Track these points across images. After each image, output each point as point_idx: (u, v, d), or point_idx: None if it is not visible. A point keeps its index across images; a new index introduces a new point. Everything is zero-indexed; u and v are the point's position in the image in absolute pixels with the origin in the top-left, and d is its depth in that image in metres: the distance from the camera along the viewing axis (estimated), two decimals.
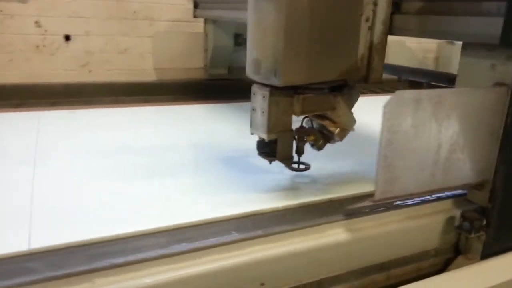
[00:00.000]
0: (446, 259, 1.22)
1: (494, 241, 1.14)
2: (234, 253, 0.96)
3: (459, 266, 1.16)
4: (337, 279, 1.07)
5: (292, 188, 1.32)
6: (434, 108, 0.98)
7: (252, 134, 1.28)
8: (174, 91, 2.94)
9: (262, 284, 0.98)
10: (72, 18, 2.70)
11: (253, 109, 1.26)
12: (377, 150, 0.95)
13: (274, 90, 1.18)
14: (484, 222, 1.13)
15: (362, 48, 1.25)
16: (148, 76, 2.99)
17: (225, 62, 3.00)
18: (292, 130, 1.27)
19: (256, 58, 1.20)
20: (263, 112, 1.21)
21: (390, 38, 1.31)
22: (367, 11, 1.22)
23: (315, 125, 1.36)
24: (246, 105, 1.49)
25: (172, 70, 3.00)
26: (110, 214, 1.11)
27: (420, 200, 1.18)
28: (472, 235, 1.14)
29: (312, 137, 1.33)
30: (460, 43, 1.19)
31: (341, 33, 1.21)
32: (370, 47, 1.25)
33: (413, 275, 1.18)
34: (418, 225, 1.15)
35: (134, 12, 2.90)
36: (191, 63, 3.02)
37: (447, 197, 1.21)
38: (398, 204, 1.15)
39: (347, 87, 1.29)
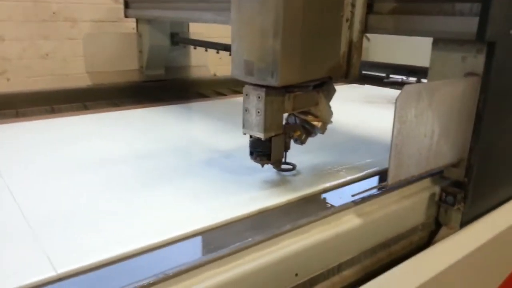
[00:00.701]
0: (430, 231, 1.37)
1: (470, 211, 1.32)
2: (269, 250, 0.99)
3: (444, 236, 1.32)
4: (353, 260, 1.16)
5: (283, 183, 1.37)
6: (430, 99, 1.11)
7: (244, 134, 1.31)
8: (110, 95, 2.80)
9: (296, 275, 1.02)
10: None
11: (246, 110, 1.27)
12: (390, 140, 1.04)
13: (270, 90, 1.21)
14: (462, 195, 1.30)
15: (343, 46, 1.35)
16: (74, 80, 2.81)
17: (161, 62, 2.94)
18: (283, 129, 1.31)
19: (247, 59, 1.22)
20: (258, 112, 1.24)
21: None
22: (347, 12, 1.32)
23: (297, 121, 1.42)
24: (187, 106, 1.49)
25: (106, 74, 2.85)
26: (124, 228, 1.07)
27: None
28: (455, 207, 1.30)
29: (298, 132, 1.40)
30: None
31: (327, 32, 1.29)
32: (350, 45, 1.36)
33: (407, 250, 1.31)
34: (410, 203, 1.28)
35: (54, 13, 2.70)
36: (125, 65, 2.90)
37: (426, 176, 1.36)
38: (391, 187, 1.27)
39: (326, 84, 1.38)
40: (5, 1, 2.55)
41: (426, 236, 1.37)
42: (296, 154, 1.43)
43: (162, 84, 2.93)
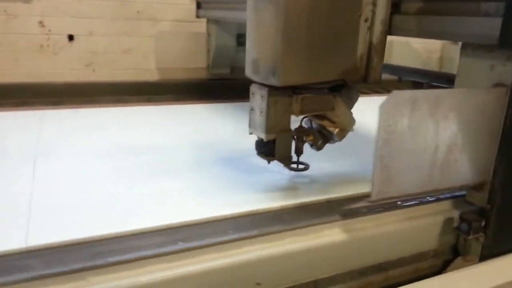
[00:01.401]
0: (444, 260, 1.22)
1: (493, 243, 1.14)
2: (230, 252, 0.96)
3: (458, 267, 1.16)
4: (334, 279, 1.07)
5: (290, 188, 1.33)
6: (431, 109, 0.98)
7: (250, 134, 1.29)
8: (177, 91, 2.95)
9: (258, 284, 0.98)
10: (76, 18, 2.72)
11: (251, 109, 1.26)
12: (373, 151, 0.95)
13: (272, 90, 1.18)
14: (483, 224, 1.13)
15: (361, 48, 1.25)
16: (151, 75, 3.00)
17: (227, 62, 3.00)
18: (290, 130, 1.27)
19: (256, 58, 1.20)
20: (261, 112, 1.21)
21: (394, 38, 1.31)
22: (366, 11, 1.22)
23: (314, 125, 1.36)
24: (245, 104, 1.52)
25: (174, 70, 3.01)
26: (107, 213, 1.12)
27: (419, 201, 1.18)
28: (471, 237, 1.13)
29: (311, 137, 1.34)
30: None
31: (340, 33, 1.21)
32: (370, 47, 1.25)
33: (411, 276, 1.17)
34: (416, 225, 1.15)
35: (138, 12, 2.91)
36: (193, 63, 3.03)
37: (446, 198, 1.20)
38: (397, 205, 1.15)
39: (346, 87, 1.29)
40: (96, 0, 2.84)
41: (439, 265, 1.22)
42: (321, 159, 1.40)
43: (226, 83, 3.00)
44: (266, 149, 1.27)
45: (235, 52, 2.98)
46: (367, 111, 1.22)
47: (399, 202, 1.15)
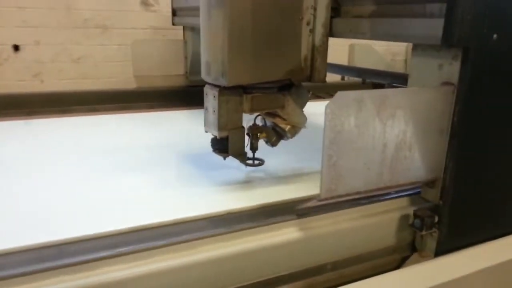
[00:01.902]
0: (402, 257, 1.23)
1: (447, 239, 1.16)
2: (182, 254, 0.97)
3: (414, 263, 1.18)
4: (290, 277, 1.09)
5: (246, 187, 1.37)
6: (378, 108, 1.00)
7: (206, 132, 1.36)
8: (155, 98, 2.95)
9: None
10: (21, 27, 2.70)
11: (206, 109, 1.34)
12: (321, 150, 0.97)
13: (223, 90, 1.25)
14: (436, 220, 1.15)
15: (304, 50, 1.32)
16: (103, 85, 2.95)
17: None
18: (243, 127, 1.34)
19: (208, 61, 1.29)
20: (214, 111, 1.28)
21: (356, 41, 1.35)
22: (308, 15, 1.30)
23: (268, 123, 1.44)
24: None
25: (152, 78, 3.01)
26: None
27: (376, 198, 1.20)
28: (424, 232, 1.15)
29: (264, 134, 1.42)
30: None
31: (283, 36, 1.28)
32: (313, 49, 1.34)
33: (368, 273, 1.18)
34: (373, 223, 1.17)
35: (85, 20, 2.87)
36: (171, 71, 3.04)
37: (402, 196, 1.23)
38: (352, 203, 1.17)
39: (295, 87, 1.37)
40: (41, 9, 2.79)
41: (397, 261, 1.24)
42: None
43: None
44: (220, 146, 1.36)
45: None
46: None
47: (354, 200, 1.17)
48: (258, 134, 1.41)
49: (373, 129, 1.02)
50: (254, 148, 1.42)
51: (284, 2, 1.26)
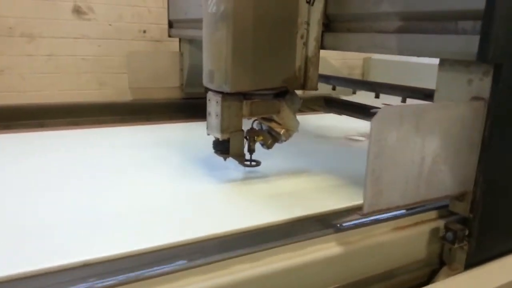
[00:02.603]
0: (431, 270, 1.24)
1: (476, 251, 1.17)
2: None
3: (444, 277, 1.18)
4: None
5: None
6: (417, 122, 1.01)
7: (208, 134, 1.50)
8: (150, 111, 2.91)
9: None
10: None
11: (208, 113, 1.47)
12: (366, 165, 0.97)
13: (226, 96, 1.40)
14: (467, 232, 1.16)
15: (299, 61, 1.47)
16: (31, 99, 2.75)
17: (201, 80, 3.00)
18: (242, 130, 1.49)
19: (211, 69, 1.42)
20: (217, 115, 1.42)
21: None
22: (302, 30, 1.44)
23: (264, 127, 1.57)
24: None
25: (147, 90, 2.98)
26: None
27: (404, 212, 1.20)
28: (456, 246, 1.16)
29: (261, 137, 1.57)
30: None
31: (280, 48, 1.43)
32: (306, 60, 1.48)
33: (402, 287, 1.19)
34: (403, 236, 1.17)
35: (10, 28, 2.69)
36: (167, 83, 3.01)
37: (431, 209, 1.24)
38: (383, 217, 1.17)
39: (289, 94, 1.52)
40: None
41: (426, 275, 1.24)
42: None
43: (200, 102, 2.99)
44: (221, 147, 1.49)
45: None
46: None
47: (386, 214, 1.17)
48: (256, 137, 1.55)
49: (413, 143, 1.02)
50: (251, 150, 1.57)
51: (281, 17, 1.40)
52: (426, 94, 1.49)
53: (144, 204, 1.35)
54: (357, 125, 2.10)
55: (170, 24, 2.91)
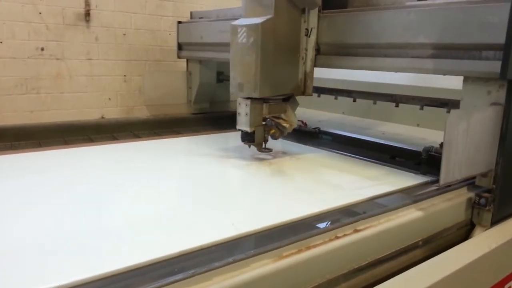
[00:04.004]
0: (466, 230, 1.70)
1: (498, 212, 1.65)
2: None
3: (479, 232, 1.65)
4: (408, 246, 1.48)
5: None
6: (468, 121, 1.47)
7: (238, 129, 2.04)
8: (162, 126, 3.16)
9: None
10: None
11: (239, 113, 2.01)
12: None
13: (253, 100, 1.96)
14: (492, 198, 1.64)
15: (300, 75, 2.08)
16: None
17: (208, 97, 3.32)
18: (262, 125, 2.06)
19: (240, 82, 1.97)
20: (246, 114, 1.96)
21: None
22: (302, 53, 2.06)
23: (273, 123, 2.11)
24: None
25: (160, 106, 3.23)
26: None
27: (447, 188, 1.65)
28: (486, 208, 1.63)
29: (273, 130, 2.13)
30: None
31: (289, 66, 2.03)
32: (305, 74, 2.08)
33: (450, 243, 1.62)
34: (453, 204, 1.61)
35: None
36: (176, 99, 3.28)
37: (462, 185, 1.70)
38: (435, 191, 1.61)
39: (292, 98, 2.12)
40: None
41: (463, 234, 1.69)
42: None
43: (206, 116, 3.31)
44: (248, 138, 2.05)
45: (215, 88, 3.31)
46: None
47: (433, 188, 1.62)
48: (269, 130, 2.12)
49: (465, 135, 1.48)
50: (265, 140, 2.13)
51: (290, 45, 2.00)
52: (442, 103, 1.96)
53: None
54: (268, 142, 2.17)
55: (179, 47, 3.21)
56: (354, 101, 2.50)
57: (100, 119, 3.19)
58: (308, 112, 3.15)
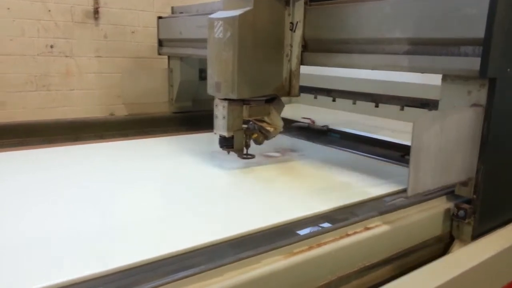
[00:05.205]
0: (444, 244, 1.54)
1: (480, 225, 1.49)
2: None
3: (457, 248, 1.49)
4: (378, 263, 1.33)
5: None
6: (441, 123, 1.31)
7: (215, 133, 1.87)
8: (141, 125, 3.04)
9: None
10: None
11: (216, 116, 1.84)
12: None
13: (231, 101, 1.79)
14: (472, 210, 1.47)
15: (284, 73, 1.88)
16: None
17: (190, 95, 3.19)
18: (242, 129, 1.88)
19: (217, 81, 1.79)
20: (223, 117, 1.78)
21: None
22: (287, 50, 1.86)
23: (256, 127, 1.92)
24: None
25: (139, 105, 3.10)
26: None
27: (422, 198, 1.49)
28: (466, 221, 1.47)
29: (255, 135, 1.93)
30: None
31: (271, 64, 1.84)
32: (290, 73, 1.89)
33: (423, 259, 1.47)
34: (424, 217, 1.46)
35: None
36: (157, 98, 3.15)
37: (441, 194, 1.54)
38: (407, 202, 1.45)
39: (276, 99, 1.93)
40: None
41: (441, 249, 1.53)
42: None
43: (188, 115, 3.17)
44: (227, 143, 1.87)
45: (197, 86, 3.17)
46: None
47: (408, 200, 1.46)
48: (251, 135, 1.93)
49: (439, 140, 1.32)
50: (247, 146, 1.94)
51: (272, 41, 1.81)
52: (423, 103, 1.81)
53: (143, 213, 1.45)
54: (276, 140, 2.07)
55: (160, 43, 3.08)
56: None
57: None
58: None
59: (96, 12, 3.02)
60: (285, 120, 2.55)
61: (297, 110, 3.31)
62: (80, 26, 3.00)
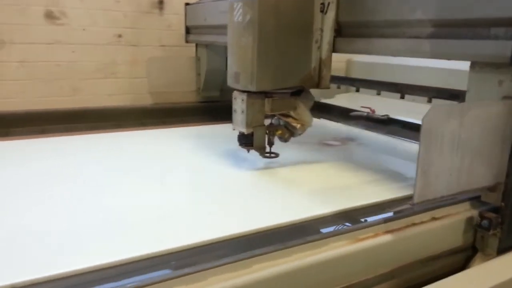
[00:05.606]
0: (466, 256, 1.34)
1: (508, 237, 1.28)
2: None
3: (479, 262, 1.29)
4: (381, 277, 1.17)
5: None
6: (461, 119, 1.12)
7: (234, 129, 1.68)
8: (168, 115, 3.00)
9: None
10: None
11: (234, 110, 1.65)
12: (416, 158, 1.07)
13: (250, 94, 1.59)
14: (500, 220, 1.27)
15: (313, 62, 1.65)
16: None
17: (217, 84, 3.10)
18: (264, 125, 1.68)
19: (237, 71, 1.61)
20: (242, 111, 1.58)
21: None
22: (316, 35, 1.62)
23: (281, 122, 1.72)
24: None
25: (166, 94, 3.06)
26: None
27: (442, 203, 1.30)
28: (491, 232, 1.27)
29: (280, 131, 1.73)
30: None
31: (297, 51, 1.61)
32: (320, 62, 1.65)
33: (438, 273, 1.28)
34: (441, 225, 1.27)
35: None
36: (184, 87, 3.09)
37: (464, 200, 1.34)
38: (424, 207, 1.27)
39: (304, 92, 1.70)
40: None
41: (461, 261, 1.34)
42: None
43: (215, 105, 3.09)
44: (246, 141, 1.66)
45: (225, 75, 3.07)
46: None
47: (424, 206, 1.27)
48: (275, 131, 1.74)
49: (458, 138, 1.13)
50: (271, 143, 1.75)
51: (299, 24, 1.58)
52: (452, 94, 1.59)
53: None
54: (335, 129, 2.14)
55: (187, 30, 3.00)
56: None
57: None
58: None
59: (160, 2, 3.04)
60: (343, 110, 2.53)
61: (354, 99, 3.11)
62: (146, 16, 3.02)
